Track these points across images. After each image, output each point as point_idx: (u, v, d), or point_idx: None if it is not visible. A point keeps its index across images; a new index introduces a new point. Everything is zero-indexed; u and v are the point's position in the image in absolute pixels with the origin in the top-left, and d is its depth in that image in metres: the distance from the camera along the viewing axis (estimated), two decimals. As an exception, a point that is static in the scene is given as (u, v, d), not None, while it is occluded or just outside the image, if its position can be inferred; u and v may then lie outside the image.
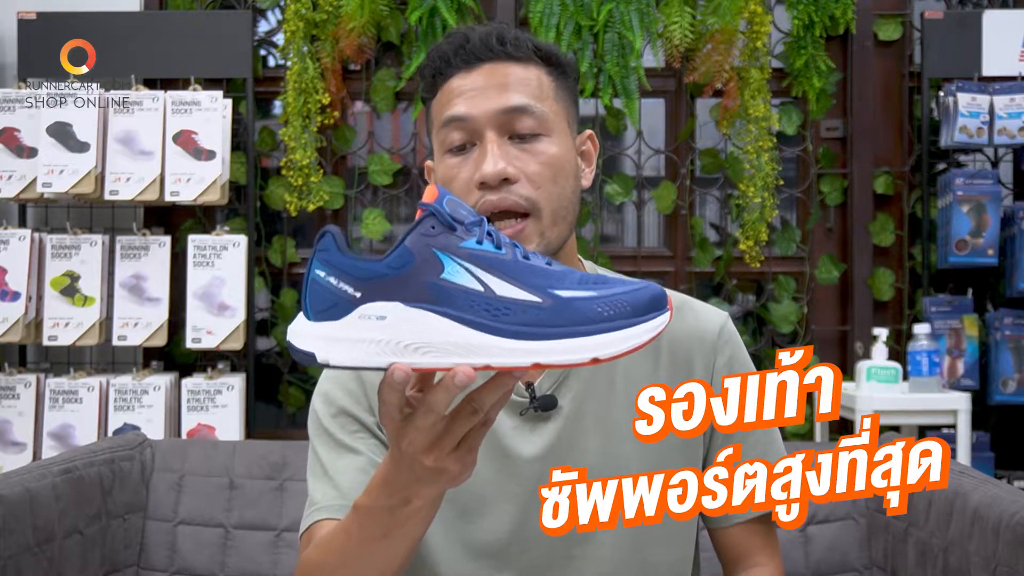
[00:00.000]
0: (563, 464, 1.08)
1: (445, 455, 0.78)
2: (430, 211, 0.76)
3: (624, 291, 0.75)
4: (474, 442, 0.79)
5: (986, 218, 2.61)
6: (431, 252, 0.74)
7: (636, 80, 2.71)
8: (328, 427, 1.10)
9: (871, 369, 2.43)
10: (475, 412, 0.77)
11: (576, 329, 0.73)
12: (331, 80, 2.76)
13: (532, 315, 0.73)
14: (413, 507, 0.84)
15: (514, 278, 0.74)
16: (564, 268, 0.77)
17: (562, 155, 1.06)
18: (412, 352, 0.73)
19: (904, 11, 2.87)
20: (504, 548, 1.09)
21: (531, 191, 1.03)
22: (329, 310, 0.74)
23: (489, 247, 0.75)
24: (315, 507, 1.06)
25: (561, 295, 0.74)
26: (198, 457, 1.86)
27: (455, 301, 0.73)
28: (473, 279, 0.74)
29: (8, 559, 1.41)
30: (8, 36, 2.74)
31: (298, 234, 2.95)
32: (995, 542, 1.28)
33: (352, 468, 1.06)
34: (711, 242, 2.91)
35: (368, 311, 0.74)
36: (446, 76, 1.08)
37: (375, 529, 0.87)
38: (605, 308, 0.73)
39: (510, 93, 1.05)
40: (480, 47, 1.06)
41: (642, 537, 1.10)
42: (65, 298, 2.53)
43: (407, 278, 0.74)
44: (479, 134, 1.05)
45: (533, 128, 1.05)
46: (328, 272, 0.75)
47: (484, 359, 0.73)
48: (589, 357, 0.73)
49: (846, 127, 2.88)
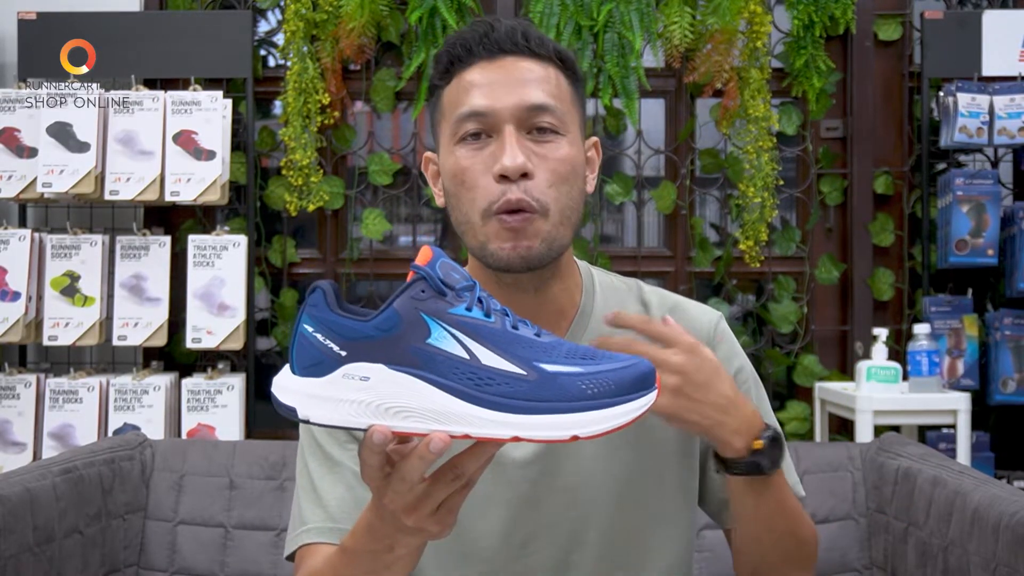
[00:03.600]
0: (554, 469, 1.08)
1: (425, 516, 0.78)
2: (421, 275, 0.75)
3: (611, 368, 0.74)
4: (454, 504, 0.79)
5: (986, 218, 2.61)
6: (419, 316, 0.74)
7: (636, 80, 2.71)
8: (318, 437, 1.10)
9: (871, 369, 2.43)
10: (457, 478, 0.77)
11: (559, 405, 0.72)
12: (331, 80, 2.76)
13: (515, 387, 0.73)
14: (396, 554, 0.85)
15: (500, 348, 0.74)
16: (553, 340, 0.76)
17: (575, 156, 1.06)
18: (392, 416, 0.73)
19: (904, 11, 2.87)
20: (495, 554, 1.08)
21: (544, 190, 1.03)
22: (314, 367, 0.75)
23: (479, 314, 0.75)
24: (304, 528, 1.06)
25: (546, 369, 0.73)
26: (198, 457, 1.86)
27: (439, 367, 0.73)
28: (459, 346, 0.74)
29: (8, 559, 1.41)
30: (8, 36, 2.74)
31: (298, 234, 2.95)
32: (995, 542, 1.28)
33: (340, 487, 1.06)
34: (711, 242, 2.91)
35: (352, 371, 0.74)
36: (465, 64, 1.06)
37: (362, 568, 0.88)
38: (590, 385, 0.73)
39: (532, 89, 1.04)
40: (505, 39, 1.05)
41: (638, 541, 1.10)
42: (65, 298, 2.53)
43: (393, 341, 0.73)
44: (498, 128, 1.03)
45: (552, 125, 1.04)
46: (316, 328, 0.75)
47: (463, 428, 0.73)
48: (569, 435, 0.72)
49: (846, 127, 2.88)
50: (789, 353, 2.86)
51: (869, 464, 1.79)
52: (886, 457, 1.74)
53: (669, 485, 1.11)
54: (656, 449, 1.10)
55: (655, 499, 1.10)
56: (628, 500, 1.09)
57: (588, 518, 1.08)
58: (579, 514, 1.08)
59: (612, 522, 1.08)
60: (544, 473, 1.07)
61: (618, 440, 1.08)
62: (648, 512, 1.10)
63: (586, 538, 1.08)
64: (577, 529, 1.08)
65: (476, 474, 0.78)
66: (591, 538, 1.08)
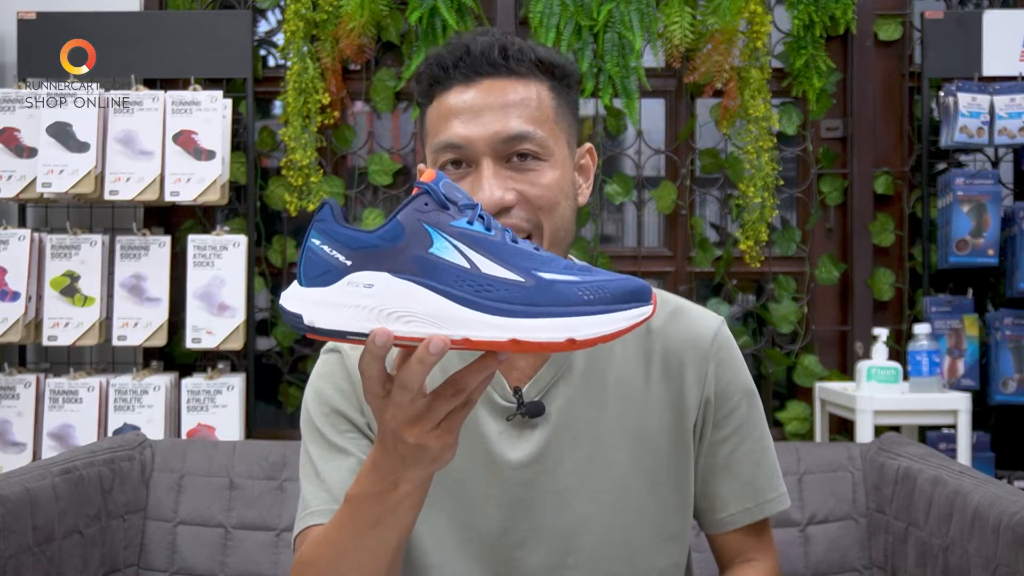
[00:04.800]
0: (550, 471, 1.08)
1: (427, 432, 0.79)
2: (425, 189, 0.78)
3: (607, 279, 0.76)
4: (455, 422, 0.80)
5: (986, 218, 2.61)
6: (422, 227, 0.76)
7: (636, 80, 2.71)
8: (320, 426, 1.10)
9: (871, 369, 2.43)
10: (457, 393, 0.78)
11: (556, 309, 0.74)
12: (331, 80, 2.76)
13: (514, 293, 0.75)
14: (401, 492, 0.85)
15: (500, 258, 0.76)
16: (551, 255, 0.78)
17: (560, 180, 1.04)
18: (395, 320, 0.75)
19: (904, 11, 2.87)
20: (492, 554, 1.08)
21: (530, 213, 1.02)
22: (320, 276, 0.77)
23: (479, 227, 0.77)
24: (308, 511, 1.07)
25: (544, 277, 0.75)
26: (198, 457, 1.86)
27: (441, 275, 0.75)
28: (460, 255, 0.76)
29: (8, 559, 1.41)
30: (8, 36, 2.74)
31: (298, 234, 2.95)
32: (995, 542, 1.28)
33: (343, 470, 1.07)
34: (711, 242, 2.91)
35: (357, 279, 0.76)
36: (444, 87, 1.04)
37: (366, 518, 0.88)
38: (586, 292, 0.74)
39: (509, 119, 1.01)
40: (481, 61, 1.02)
41: (634, 544, 1.09)
42: (65, 298, 2.53)
43: (397, 250, 0.76)
44: (475, 159, 1.02)
45: (532, 152, 1.02)
46: (323, 240, 0.78)
47: (463, 331, 0.74)
48: (565, 337, 0.74)
49: (846, 127, 2.88)
50: (789, 353, 2.86)
51: (869, 464, 1.79)
52: (886, 457, 1.74)
53: (664, 488, 1.11)
54: (651, 453, 1.10)
55: (650, 502, 1.10)
56: (623, 503, 1.09)
57: (583, 520, 1.08)
58: (574, 516, 1.08)
59: (607, 525, 1.08)
60: (540, 475, 1.08)
61: (614, 444, 1.09)
62: (643, 515, 1.10)
63: (581, 540, 1.08)
64: (572, 531, 1.08)
65: (476, 391, 0.79)
66: (586, 540, 1.08)
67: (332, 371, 1.13)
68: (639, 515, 1.10)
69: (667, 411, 1.11)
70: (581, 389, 1.09)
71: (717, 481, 1.14)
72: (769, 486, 1.15)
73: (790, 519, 1.74)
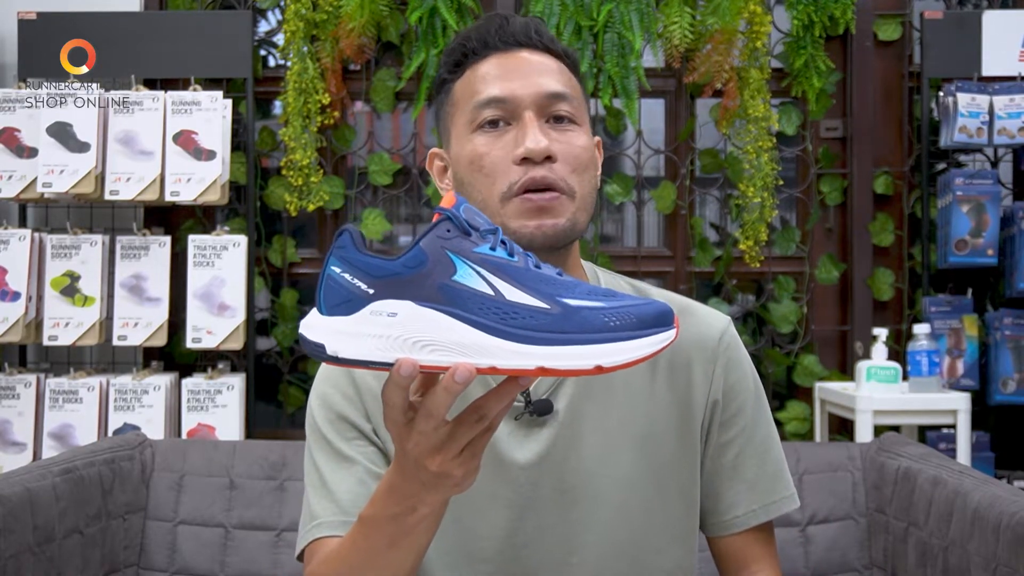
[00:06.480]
0: (556, 471, 1.08)
1: (450, 460, 0.78)
2: (447, 216, 0.77)
3: (632, 304, 0.75)
4: (477, 448, 0.79)
5: (986, 218, 2.62)
6: (445, 254, 0.76)
7: (636, 80, 2.71)
8: (326, 433, 1.09)
9: (871, 369, 2.43)
10: (480, 419, 0.77)
11: (582, 336, 0.74)
12: (331, 80, 2.76)
13: (540, 320, 0.74)
14: (419, 515, 0.84)
15: (524, 284, 0.75)
16: (574, 280, 0.78)
17: (590, 147, 1.08)
18: (420, 349, 0.74)
19: (904, 11, 2.87)
20: (498, 554, 1.08)
21: (568, 173, 1.04)
22: (342, 305, 0.76)
23: (502, 253, 0.77)
24: (315, 522, 1.05)
25: (569, 303, 0.75)
26: (198, 457, 1.86)
27: (465, 303, 0.75)
28: (484, 282, 0.75)
29: (8, 559, 1.41)
30: (8, 36, 2.74)
31: (298, 234, 2.95)
32: (995, 542, 1.28)
33: (351, 480, 1.06)
34: (711, 242, 2.91)
35: (380, 308, 0.75)
36: (480, 57, 1.07)
37: (381, 539, 0.87)
38: (612, 318, 0.74)
39: (550, 79, 1.05)
40: (520, 32, 1.07)
41: (640, 545, 1.09)
42: (65, 298, 2.53)
43: (420, 278, 0.75)
44: (517, 114, 1.04)
45: (569, 115, 1.06)
46: (344, 269, 0.77)
47: (489, 360, 0.74)
48: (593, 364, 0.73)
49: (846, 127, 2.89)
50: (789, 353, 2.86)
51: (869, 464, 1.79)
52: (886, 457, 1.74)
53: (670, 489, 1.11)
54: (658, 454, 1.10)
55: (656, 503, 1.10)
56: (629, 504, 1.08)
57: (589, 521, 1.08)
58: (580, 517, 1.07)
59: (613, 525, 1.08)
60: (546, 474, 1.07)
61: (620, 444, 1.09)
62: (649, 516, 1.10)
63: (587, 540, 1.08)
64: (578, 532, 1.07)
65: (498, 417, 0.78)
66: (591, 540, 1.08)
67: (337, 376, 1.12)
68: (645, 516, 1.09)
69: (674, 411, 1.11)
70: (587, 388, 1.09)
71: (724, 482, 1.13)
72: (776, 487, 1.14)
73: (790, 519, 1.74)
